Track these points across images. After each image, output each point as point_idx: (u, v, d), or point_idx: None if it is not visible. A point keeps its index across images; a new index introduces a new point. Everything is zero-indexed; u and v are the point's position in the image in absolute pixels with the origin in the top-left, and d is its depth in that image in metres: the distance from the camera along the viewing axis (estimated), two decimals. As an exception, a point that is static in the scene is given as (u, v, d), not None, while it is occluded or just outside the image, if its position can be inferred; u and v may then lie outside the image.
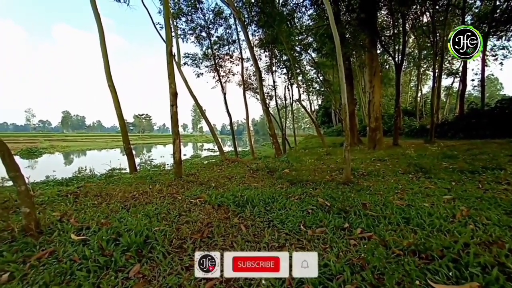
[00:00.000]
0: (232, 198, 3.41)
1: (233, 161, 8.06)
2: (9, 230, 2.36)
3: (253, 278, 1.68)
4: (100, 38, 7.29)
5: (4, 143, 2.31)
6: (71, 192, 4.03)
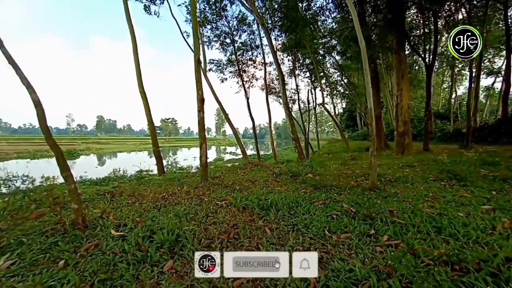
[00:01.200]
0: (256, 201, 3.49)
1: (256, 164, 8.17)
2: (62, 223, 2.65)
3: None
4: (133, 48, 7.84)
5: (59, 146, 2.62)
6: (108, 192, 4.38)
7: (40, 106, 2.63)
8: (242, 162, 10.68)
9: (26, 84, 2.60)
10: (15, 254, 2.13)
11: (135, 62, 7.77)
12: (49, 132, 2.64)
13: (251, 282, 1.74)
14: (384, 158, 9.17)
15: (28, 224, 2.76)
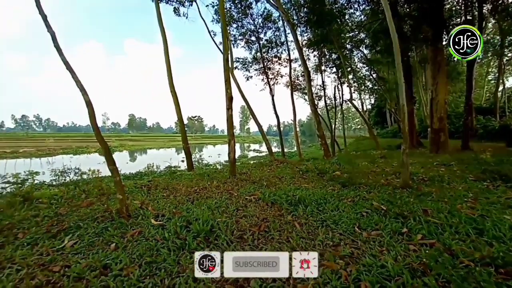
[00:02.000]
0: (284, 197, 3.56)
1: (282, 161, 8.21)
2: (109, 211, 2.95)
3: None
4: (165, 50, 8.25)
5: (106, 142, 2.91)
6: (145, 185, 4.71)
7: (90, 106, 2.93)
8: (266, 159, 10.76)
9: (80, 87, 2.92)
10: (75, 235, 2.43)
11: (166, 63, 8.17)
12: (98, 129, 2.94)
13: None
14: (417, 157, 8.70)
15: (82, 211, 3.10)
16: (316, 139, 64.92)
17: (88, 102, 2.93)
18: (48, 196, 3.80)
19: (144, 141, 58.05)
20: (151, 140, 60.59)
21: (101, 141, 2.89)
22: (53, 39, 2.98)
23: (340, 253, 2.08)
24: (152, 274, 1.82)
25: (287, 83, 17.39)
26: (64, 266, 1.93)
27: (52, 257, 2.06)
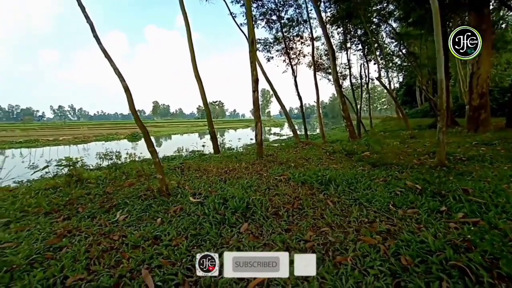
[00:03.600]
0: (314, 177, 3.58)
1: (307, 143, 8.15)
2: (150, 190, 3.19)
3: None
4: (188, 35, 8.28)
5: (145, 126, 3.10)
6: (178, 167, 4.96)
7: (128, 92, 3.10)
8: (293, 141, 10.73)
9: (117, 74, 3.08)
10: (125, 210, 2.69)
11: (189, 49, 8.24)
12: (137, 113, 3.12)
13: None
14: (453, 136, 8.19)
15: (126, 190, 3.38)
16: (339, 121, 62.82)
17: (126, 87, 3.09)
18: (95, 177, 4.16)
19: (168, 127, 60.06)
20: (174, 126, 62.51)
21: (141, 126, 3.08)
22: (92, 29, 3.14)
23: (376, 229, 2.10)
24: (199, 245, 1.99)
25: (310, 63, 16.78)
26: (121, 236, 2.16)
27: (110, 228, 2.30)
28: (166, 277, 1.59)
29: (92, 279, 1.61)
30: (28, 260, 1.80)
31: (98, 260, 1.82)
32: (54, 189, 3.67)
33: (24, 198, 3.23)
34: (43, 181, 4.65)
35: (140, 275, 1.63)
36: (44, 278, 1.59)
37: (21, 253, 1.86)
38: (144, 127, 3.08)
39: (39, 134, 34.86)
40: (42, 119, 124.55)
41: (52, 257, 1.86)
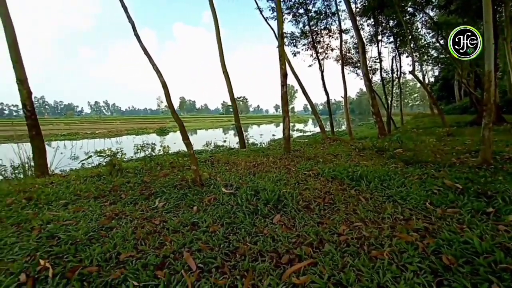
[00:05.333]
0: (345, 173, 3.54)
1: (334, 139, 7.99)
2: (185, 180, 3.37)
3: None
4: (216, 32, 8.45)
5: (180, 119, 3.26)
6: (207, 159, 5.15)
7: (166, 87, 3.27)
8: (320, 137, 10.56)
9: (156, 70, 3.27)
10: (163, 198, 2.88)
11: (218, 44, 8.40)
12: (173, 107, 3.29)
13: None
14: (499, 134, 7.52)
15: (162, 180, 3.60)
16: (365, 117, 60.00)
17: (163, 83, 3.27)
18: (132, 168, 4.47)
19: (194, 122, 61.83)
20: (199, 121, 64.22)
21: (177, 119, 3.25)
22: (133, 29, 3.35)
23: (413, 227, 2.05)
24: (234, 232, 2.08)
25: (337, 57, 16.24)
26: (161, 221, 2.33)
27: (151, 214, 2.49)
28: (207, 260, 1.70)
29: (141, 257, 1.77)
30: (87, 236, 2.02)
31: (144, 241, 1.99)
32: (99, 177, 4.01)
33: (76, 184, 3.59)
34: (88, 169, 5.09)
35: (182, 256, 1.76)
36: (101, 252, 1.78)
37: (81, 230, 2.09)
38: (180, 120, 3.25)
39: (79, 128, 37.80)
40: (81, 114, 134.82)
41: (106, 235, 2.07)
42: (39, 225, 2.26)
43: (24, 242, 1.95)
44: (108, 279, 1.52)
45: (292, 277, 1.49)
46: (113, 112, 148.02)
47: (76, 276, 1.55)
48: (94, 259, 1.73)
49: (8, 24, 4.35)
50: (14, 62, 4.41)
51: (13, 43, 4.40)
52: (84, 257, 1.75)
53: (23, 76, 4.51)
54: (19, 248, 1.86)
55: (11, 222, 2.35)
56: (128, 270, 1.61)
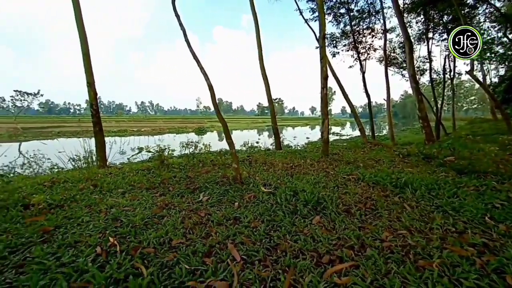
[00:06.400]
0: (388, 179, 3.39)
1: (376, 144, 7.61)
2: (226, 177, 3.56)
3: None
4: (257, 34, 8.66)
5: (224, 120, 3.46)
6: (245, 159, 5.32)
7: (212, 89, 3.50)
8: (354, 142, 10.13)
9: (203, 73, 3.52)
10: (206, 193, 3.09)
11: (258, 46, 8.61)
12: (218, 108, 3.51)
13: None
14: None
15: (204, 176, 3.84)
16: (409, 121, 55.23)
17: (210, 86, 3.50)
18: (177, 164, 4.84)
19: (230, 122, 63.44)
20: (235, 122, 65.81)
21: (221, 119, 3.45)
22: (184, 35, 3.65)
23: (468, 241, 1.90)
24: (274, 229, 2.16)
25: (381, 57, 15.38)
26: (206, 213, 2.51)
27: (196, 206, 2.70)
28: (249, 253, 1.81)
29: (190, 244, 1.95)
30: (143, 221, 2.28)
31: (192, 230, 2.17)
32: (148, 171, 4.43)
33: (130, 176, 4.02)
34: (139, 163, 5.64)
35: (226, 247, 1.89)
36: (156, 237, 2.01)
37: (138, 216, 2.37)
38: (224, 121, 3.45)
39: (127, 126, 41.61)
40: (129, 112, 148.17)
41: (158, 222, 2.31)
42: (105, 209, 2.61)
43: (95, 221, 2.28)
44: (163, 260, 1.72)
45: (334, 277, 1.51)
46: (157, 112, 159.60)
47: (138, 254, 1.77)
48: (150, 242, 1.95)
49: (83, 36, 5.08)
50: (86, 67, 5.12)
51: (86, 52, 5.12)
52: (143, 239, 1.98)
53: (91, 79, 5.19)
54: (93, 226, 2.19)
55: (84, 204, 2.76)
56: (180, 254, 1.79)
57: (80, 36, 5.09)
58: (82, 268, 1.60)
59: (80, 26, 5.11)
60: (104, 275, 1.53)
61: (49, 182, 3.71)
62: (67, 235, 2.06)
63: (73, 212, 2.54)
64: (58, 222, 2.28)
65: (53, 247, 1.86)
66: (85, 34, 5.15)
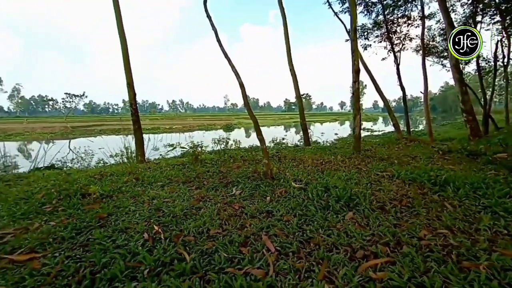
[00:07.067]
0: (426, 176, 3.22)
1: (412, 140, 7.18)
2: (257, 173, 3.66)
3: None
4: (284, 30, 8.59)
5: (255, 116, 3.55)
6: (274, 155, 5.38)
7: (243, 87, 3.60)
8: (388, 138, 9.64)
9: (234, 72, 3.63)
10: (239, 187, 3.22)
11: (285, 42, 8.54)
12: (249, 106, 3.60)
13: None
14: None
15: (236, 171, 3.98)
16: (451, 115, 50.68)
17: (241, 84, 3.61)
18: (209, 159, 5.06)
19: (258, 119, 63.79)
20: (262, 118, 65.99)
21: (252, 116, 3.55)
22: (216, 35, 3.79)
23: (523, 245, 1.77)
24: (307, 223, 2.20)
25: (418, 47, 14.32)
26: (240, 206, 2.62)
27: (230, 199, 2.83)
28: (283, 245, 1.87)
29: (226, 234, 2.07)
30: (182, 212, 2.47)
31: (227, 221, 2.30)
32: (183, 166, 4.69)
33: (167, 170, 4.31)
34: (174, 159, 5.98)
35: (261, 239, 1.97)
36: (195, 226, 2.16)
37: (177, 207, 2.56)
38: (255, 118, 3.54)
39: (159, 123, 43.94)
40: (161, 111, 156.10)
41: (196, 213, 2.48)
42: (148, 200, 2.85)
43: (140, 211, 2.51)
44: (203, 248, 1.85)
45: (369, 271, 1.52)
46: (187, 110, 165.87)
47: (180, 241, 1.94)
48: (190, 231, 2.11)
49: (123, 41, 5.51)
50: (126, 70, 5.56)
51: (126, 55, 5.55)
52: (183, 228, 2.15)
53: (131, 80, 5.62)
54: (139, 215, 2.43)
55: (129, 195, 3.04)
56: (218, 243, 1.91)
57: (121, 42, 5.52)
58: (134, 251, 1.80)
59: (121, 34, 5.54)
60: (153, 257, 1.70)
61: (98, 175, 4.13)
62: (118, 221, 2.31)
63: (120, 202, 2.82)
64: (109, 210, 2.56)
65: (108, 231, 2.10)
66: (126, 40, 5.58)
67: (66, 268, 1.62)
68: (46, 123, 42.86)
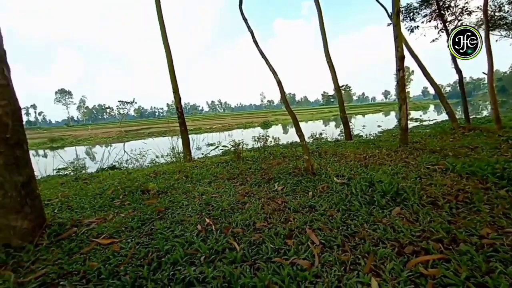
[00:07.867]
0: (489, 169, 2.90)
1: (471, 129, 6.41)
2: (298, 169, 3.71)
3: None
4: (320, 21, 8.36)
5: (293, 112, 3.60)
6: (314, 151, 5.34)
7: (281, 85, 3.67)
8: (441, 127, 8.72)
9: (272, 70, 3.72)
10: (280, 183, 3.32)
11: (321, 33, 8.30)
12: (288, 103, 3.66)
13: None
14: None
15: (277, 167, 4.09)
16: (528, 97, 43.05)
17: (278, 82, 3.68)
18: (250, 157, 5.25)
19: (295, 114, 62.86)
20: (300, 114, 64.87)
21: (290, 112, 3.61)
22: (252, 36, 3.92)
23: None
24: (352, 218, 2.20)
25: (479, 21, 12.51)
26: (283, 201, 2.72)
27: (273, 195, 2.95)
28: (327, 238, 1.92)
29: (271, 227, 2.18)
30: (230, 206, 2.66)
31: (272, 215, 2.41)
32: (226, 163, 4.96)
33: (212, 168, 4.62)
34: (216, 157, 6.34)
35: (305, 232, 2.04)
36: (242, 220, 2.33)
37: (224, 202, 2.77)
38: (294, 114, 3.59)
39: (201, 124, 46.28)
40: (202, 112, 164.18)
41: (242, 208, 2.65)
42: (198, 195, 3.13)
43: (192, 205, 2.79)
44: (251, 239, 2.00)
45: (419, 267, 1.49)
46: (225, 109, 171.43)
47: (229, 233, 2.12)
48: (238, 223, 2.28)
49: (168, 52, 6.03)
50: (171, 77, 6.07)
51: (171, 64, 6.06)
52: (232, 221, 2.34)
53: (176, 87, 6.11)
54: (191, 209, 2.70)
55: (181, 191, 3.38)
56: (264, 235, 2.04)
57: (167, 55, 6.04)
58: (190, 240, 2.03)
59: (167, 47, 6.05)
60: (207, 246, 1.91)
61: (153, 173, 4.62)
62: (175, 215, 2.60)
63: (174, 197, 3.14)
64: (166, 205, 2.88)
65: (167, 223, 2.39)
66: (170, 53, 6.08)
67: (138, 252, 1.92)
68: (105, 128, 48.57)
